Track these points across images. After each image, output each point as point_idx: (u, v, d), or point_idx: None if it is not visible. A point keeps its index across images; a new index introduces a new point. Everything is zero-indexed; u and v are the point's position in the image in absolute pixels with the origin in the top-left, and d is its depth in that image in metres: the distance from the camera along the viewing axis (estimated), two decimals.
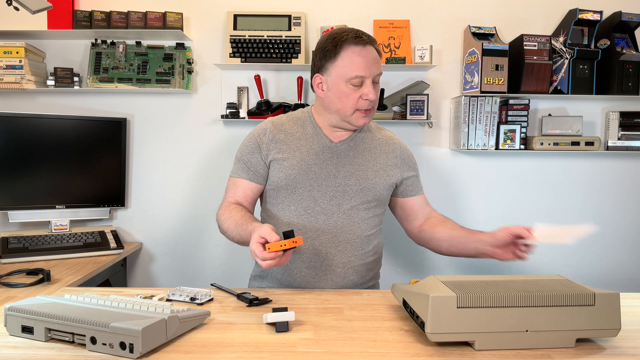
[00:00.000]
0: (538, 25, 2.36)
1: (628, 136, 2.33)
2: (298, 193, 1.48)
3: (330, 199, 1.48)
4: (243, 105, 2.31)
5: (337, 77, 1.44)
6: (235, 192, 1.54)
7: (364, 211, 1.50)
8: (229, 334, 1.06)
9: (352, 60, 1.41)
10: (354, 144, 1.54)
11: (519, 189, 2.42)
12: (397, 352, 0.97)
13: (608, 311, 0.98)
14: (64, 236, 2.10)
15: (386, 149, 1.57)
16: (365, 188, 1.49)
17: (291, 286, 1.49)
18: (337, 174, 1.49)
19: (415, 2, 2.35)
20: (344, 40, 1.42)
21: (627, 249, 2.45)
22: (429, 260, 2.44)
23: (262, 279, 1.57)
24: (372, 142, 1.56)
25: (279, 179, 1.49)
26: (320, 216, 1.47)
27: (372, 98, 1.43)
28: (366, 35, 1.45)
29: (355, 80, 1.42)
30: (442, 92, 2.39)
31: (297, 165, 1.48)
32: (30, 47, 2.23)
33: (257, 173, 1.52)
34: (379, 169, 1.53)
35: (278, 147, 1.51)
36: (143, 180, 2.39)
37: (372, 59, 1.43)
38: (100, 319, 0.93)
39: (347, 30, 1.45)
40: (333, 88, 1.45)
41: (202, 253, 2.42)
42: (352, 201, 1.48)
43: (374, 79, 1.45)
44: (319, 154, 1.50)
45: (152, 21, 2.22)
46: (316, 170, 1.48)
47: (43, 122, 2.12)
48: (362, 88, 1.43)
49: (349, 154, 1.52)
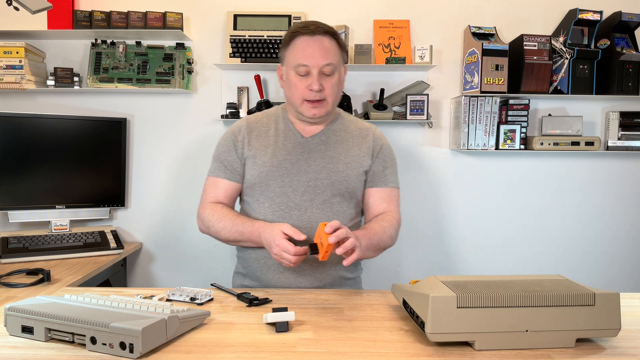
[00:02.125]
0: (538, 25, 2.36)
1: (628, 136, 2.33)
2: (271, 189, 1.49)
3: (302, 194, 1.47)
4: (243, 105, 2.31)
5: (287, 66, 1.46)
6: (216, 192, 1.55)
7: (338, 204, 1.50)
8: (229, 334, 1.06)
9: (298, 49, 1.43)
10: (325, 137, 1.53)
11: (519, 189, 2.42)
12: (397, 352, 0.97)
13: (608, 311, 0.98)
14: (64, 236, 2.10)
15: (359, 140, 1.55)
16: (337, 181, 1.49)
17: (270, 283, 1.49)
18: (308, 169, 1.49)
19: (415, 2, 2.35)
20: (296, 31, 1.44)
21: (627, 249, 2.45)
22: (428, 261, 2.44)
23: (243, 277, 1.58)
24: (346, 135, 1.55)
25: (252, 176, 1.50)
26: (294, 212, 1.47)
27: (315, 89, 1.41)
28: (318, 25, 1.44)
29: (300, 69, 1.42)
30: (442, 92, 2.38)
31: (268, 161, 1.49)
32: (30, 47, 2.23)
33: (234, 172, 1.53)
34: (351, 161, 1.51)
35: (252, 145, 1.52)
36: (143, 180, 2.39)
37: (320, 49, 1.42)
38: (100, 319, 0.93)
39: (303, 22, 1.46)
40: (286, 78, 1.48)
41: (202, 253, 2.42)
42: (324, 195, 1.48)
43: (324, 69, 1.42)
44: (290, 150, 1.50)
45: (152, 21, 2.22)
46: (287, 166, 1.48)
47: (43, 122, 2.12)
48: (308, 78, 1.43)
49: (321, 148, 1.51)
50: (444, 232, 2.43)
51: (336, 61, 1.44)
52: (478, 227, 2.44)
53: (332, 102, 1.48)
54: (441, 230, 2.43)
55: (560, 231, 2.44)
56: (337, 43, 1.46)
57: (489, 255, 2.44)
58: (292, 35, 1.45)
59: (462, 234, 2.43)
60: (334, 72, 1.44)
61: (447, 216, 2.43)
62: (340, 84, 1.50)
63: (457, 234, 2.43)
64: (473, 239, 2.44)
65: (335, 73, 1.45)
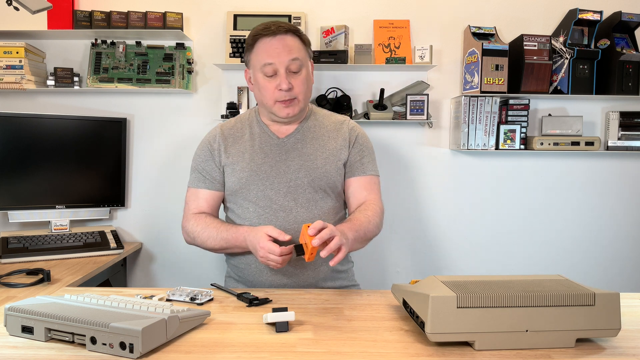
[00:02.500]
0: (538, 25, 2.36)
1: (628, 136, 2.33)
2: (253, 194, 1.48)
3: (285, 195, 1.47)
4: (243, 105, 2.30)
5: (254, 69, 1.46)
6: (197, 203, 1.54)
7: (321, 201, 1.50)
8: (229, 334, 1.06)
9: (262, 50, 1.43)
10: (301, 135, 1.53)
11: (518, 189, 2.42)
12: (397, 352, 0.97)
13: (608, 311, 0.98)
14: (64, 236, 2.10)
15: (334, 134, 1.55)
16: (317, 178, 1.48)
17: (264, 286, 1.49)
18: (287, 170, 1.48)
19: (415, 2, 2.35)
20: (257, 33, 1.44)
21: (627, 249, 2.45)
22: (428, 261, 2.44)
23: (236, 282, 1.57)
24: (320, 130, 1.55)
25: (233, 183, 1.50)
26: (280, 213, 1.47)
27: (284, 88, 1.41)
28: (278, 25, 1.43)
29: (266, 68, 1.42)
30: (442, 92, 2.38)
31: (247, 167, 1.49)
32: (30, 47, 2.23)
33: (214, 180, 1.53)
34: (329, 155, 1.51)
35: (228, 152, 1.52)
36: (143, 180, 2.39)
37: (283, 46, 1.42)
38: (100, 319, 0.93)
39: (263, 24, 1.46)
40: (254, 81, 1.48)
41: (202, 253, 2.41)
42: (306, 193, 1.48)
43: (290, 66, 1.42)
44: (267, 153, 1.50)
45: (152, 21, 2.22)
46: (266, 169, 1.48)
47: (43, 122, 2.12)
48: (275, 78, 1.43)
49: (297, 147, 1.51)
50: (444, 232, 2.43)
51: (302, 56, 1.44)
52: (478, 227, 2.44)
53: (304, 99, 1.48)
54: (441, 230, 2.43)
55: (560, 231, 2.44)
56: (299, 39, 1.46)
57: (489, 255, 2.44)
58: (254, 38, 1.45)
59: (462, 234, 2.43)
60: (301, 69, 1.44)
61: (447, 216, 2.43)
62: (309, 79, 1.49)
63: (457, 234, 2.43)
64: (473, 239, 2.43)
65: (302, 69, 1.45)
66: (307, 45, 1.49)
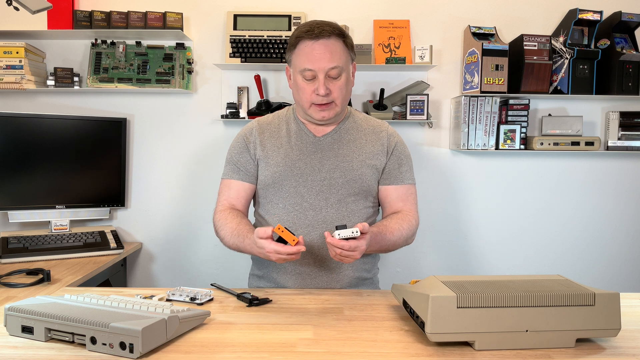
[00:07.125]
0: (538, 25, 2.36)
1: (628, 136, 2.33)
2: (285, 190, 1.48)
3: (317, 193, 1.47)
4: (243, 105, 2.31)
5: (294, 70, 1.46)
6: (228, 194, 1.54)
7: (353, 203, 1.49)
8: (229, 334, 1.06)
9: (303, 53, 1.42)
10: (338, 136, 1.53)
11: (519, 189, 2.42)
12: (397, 352, 0.97)
13: (608, 311, 0.98)
14: (64, 236, 2.10)
15: (372, 137, 1.54)
16: (351, 180, 1.48)
17: (287, 285, 1.49)
18: (321, 168, 1.48)
19: (415, 2, 2.35)
20: (300, 34, 1.43)
21: (626, 249, 2.45)
22: (428, 261, 2.44)
23: (259, 279, 1.58)
24: (358, 133, 1.55)
25: (266, 177, 1.50)
26: (309, 212, 1.47)
27: (321, 93, 1.40)
28: (322, 28, 1.41)
29: (306, 73, 1.41)
30: (442, 92, 2.38)
31: (281, 162, 1.49)
32: (30, 47, 2.23)
33: (247, 172, 1.53)
34: (365, 159, 1.51)
35: (264, 145, 1.52)
36: (143, 180, 2.39)
37: (323, 52, 1.40)
38: (100, 319, 0.93)
39: (308, 23, 1.44)
40: (293, 81, 1.48)
41: (202, 253, 2.42)
42: (339, 194, 1.48)
43: (330, 73, 1.41)
44: (303, 150, 1.50)
45: (152, 21, 2.22)
46: (300, 166, 1.48)
47: (43, 122, 2.12)
48: (314, 82, 1.43)
49: (334, 147, 1.51)
50: (444, 232, 2.43)
51: (342, 63, 1.42)
52: (478, 227, 2.44)
53: (341, 104, 1.47)
54: (441, 231, 2.43)
55: (560, 231, 2.44)
56: (343, 43, 1.43)
57: (489, 255, 2.44)
58: (296, 39, 1.43)
59: (462, 234, 2.43)
60: (340, 74, 1.43)
61: (447, 216, 2.43)
62: (348, 84, 1.48)
63: (457, 234, 2.43)
64: (473, 239, 2.44)
65: (342, 75, 1.43)
66: (350, 48, 1.47)
